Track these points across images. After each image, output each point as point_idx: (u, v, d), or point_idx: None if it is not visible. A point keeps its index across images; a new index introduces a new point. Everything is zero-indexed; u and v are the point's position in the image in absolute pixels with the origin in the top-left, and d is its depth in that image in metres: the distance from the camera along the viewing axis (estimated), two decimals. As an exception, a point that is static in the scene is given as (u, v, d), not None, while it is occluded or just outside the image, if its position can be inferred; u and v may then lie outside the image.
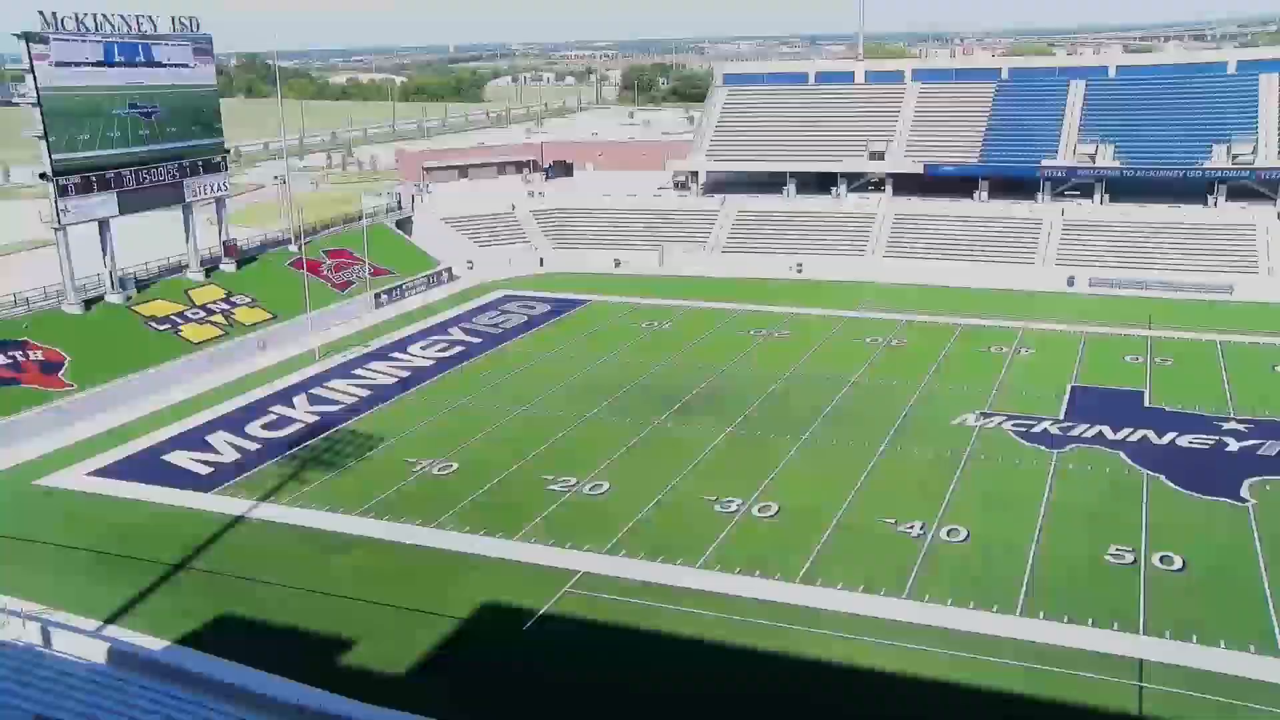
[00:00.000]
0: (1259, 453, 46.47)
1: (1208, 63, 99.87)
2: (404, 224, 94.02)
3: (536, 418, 53.62)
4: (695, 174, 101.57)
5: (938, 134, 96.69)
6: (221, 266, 74.61)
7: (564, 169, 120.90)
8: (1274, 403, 52.79)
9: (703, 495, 43.34)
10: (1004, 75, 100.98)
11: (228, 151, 76.98)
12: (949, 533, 39.33)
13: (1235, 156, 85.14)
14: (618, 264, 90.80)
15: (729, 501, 42.61)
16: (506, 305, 78.69)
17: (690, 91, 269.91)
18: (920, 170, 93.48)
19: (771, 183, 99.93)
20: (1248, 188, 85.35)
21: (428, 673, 31.41)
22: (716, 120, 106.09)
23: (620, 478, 45.49)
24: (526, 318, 74.94)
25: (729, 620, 33.76)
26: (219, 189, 74.05)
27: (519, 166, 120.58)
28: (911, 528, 39.80)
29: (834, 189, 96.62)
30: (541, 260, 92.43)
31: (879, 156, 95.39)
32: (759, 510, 41.82)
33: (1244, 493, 42.25)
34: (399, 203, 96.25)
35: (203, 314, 68.13)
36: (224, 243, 75.46)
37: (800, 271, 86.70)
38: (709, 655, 31.98)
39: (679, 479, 45.17)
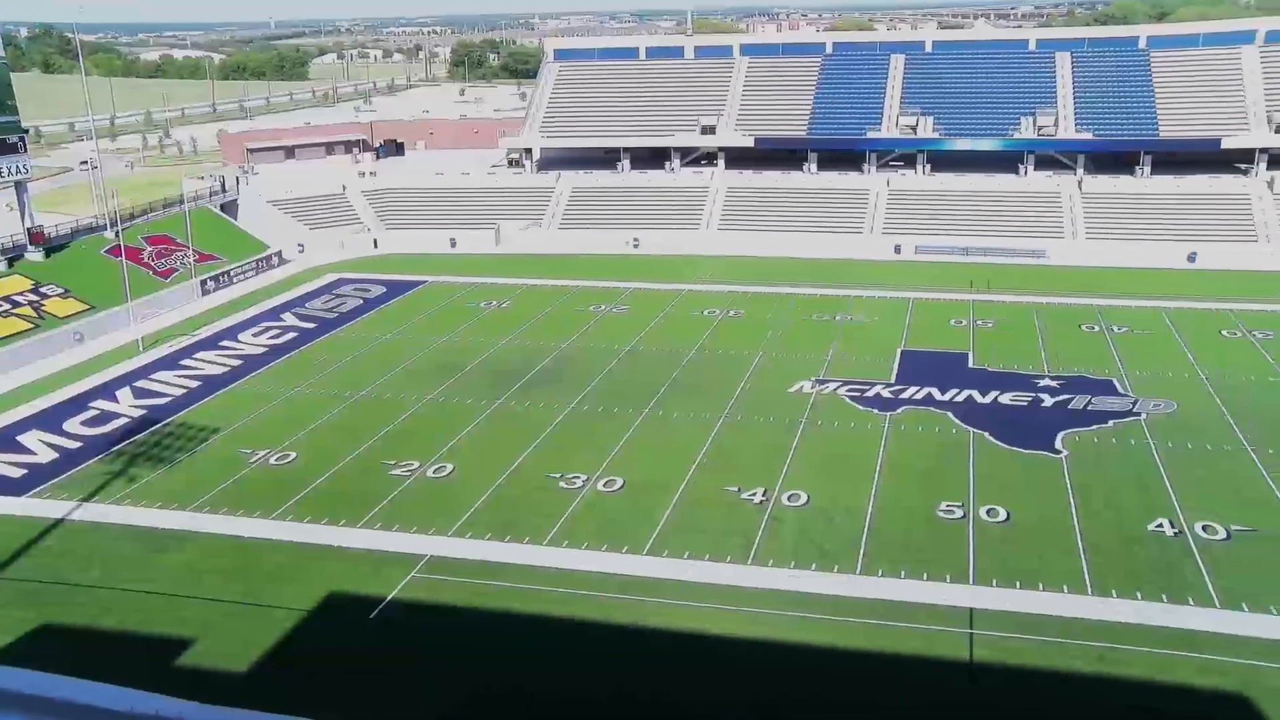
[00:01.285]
0: (1070, 407, 49.35)
1: (1012, 40, 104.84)
2: (229, 207, 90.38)
3: (376, 402, 52.53)
4: (529, 151, 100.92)
5: (767, 108, 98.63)
6: (27, 255, 70.23)
7: (395, 148, 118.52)
8: (1083, 360, 56.07)
9: (547, 472, 43.30)
10: (829, 50, 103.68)
11: (26, 132, 72.26)
12: (790, 498, 40.40)
13: (1040, 128, 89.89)
14: (454, 244, 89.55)
15: (574, 477, 42.70)
16: (340, 289, 76.67)
17: (521, 68, 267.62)
18: (751, 143, 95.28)
19: (606, 159, 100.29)
20: (1053, 157, 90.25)
21: (272, 668, 30.48)
22: (549, 97, 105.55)
23: (464, 459, 45.03)
24: (362, 300, 73.21)
25: (578, 595, 33.88)
26: (18, 171, 69.55)
27: (349, 146, 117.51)
28: (754, 495, 40.71)
29: (668, 163, 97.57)
30: (375, 242, 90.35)
31: (711, 131, 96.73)
32: (604, 485, 42.05)
33: (1058, 445, 44.81)
34: (223, 185, 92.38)
35: (7, 306, 63.98)
36: (28, 230, 71.00)
37: (637, 246, 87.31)
38: (559, 631, 32.04)
39: (523, 457, 45.00)
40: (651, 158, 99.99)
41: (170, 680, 29.56)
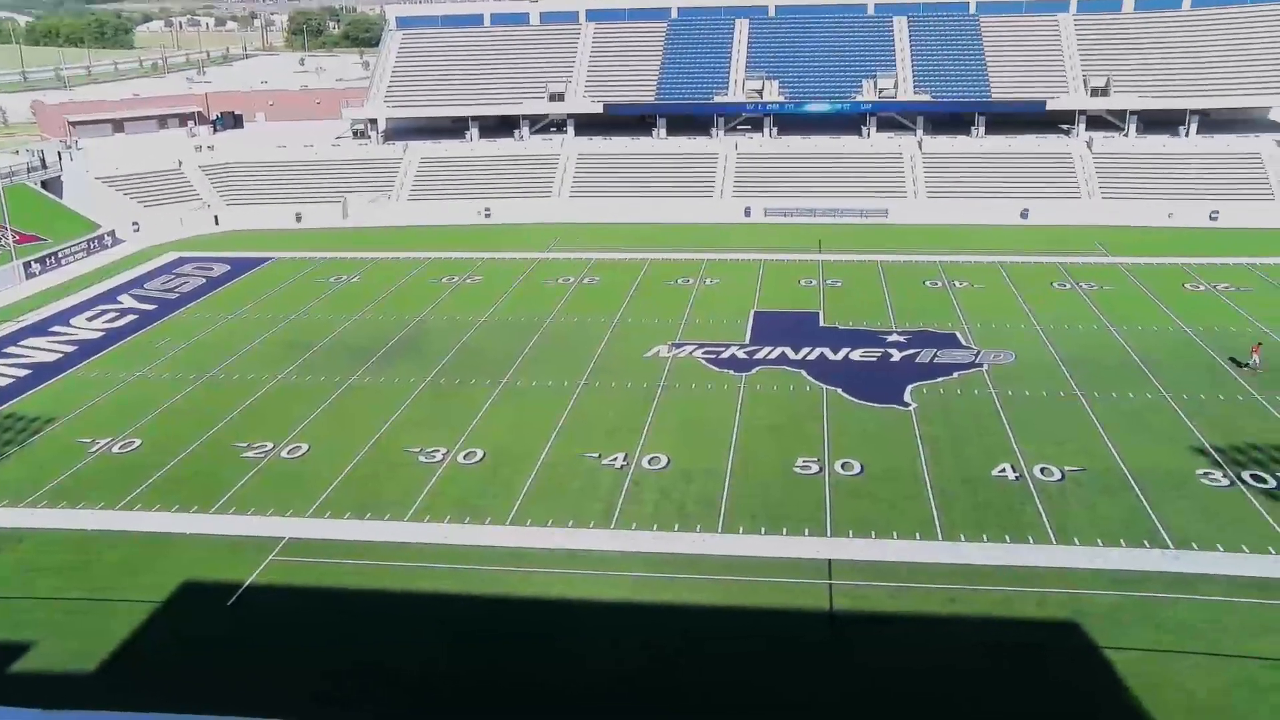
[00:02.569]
0: (917, 360, 51.17)
1: (852, 4, 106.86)
2: (51, 184, 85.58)
3: (224, 384, 50.77)
4: (375, 122, 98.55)
5: (615, 73, 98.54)
6: None
7: (233, 120, 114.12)
8: (927, 315, 58.16)
9: (405, 447, 42.68)
10: (674, 15, 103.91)
11: None
12: (650, 461, 40.82)
13: (881, 91, 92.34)
14: (299, 219, 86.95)
15: (433, 451, 42.20)
16: (181, 268, 73.62)
17: (363, 36, 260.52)
18: (600, 110, 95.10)
19: (454, 128, 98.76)
20: (894, 119, 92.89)
21: (123, 664, 29.30)
22: (392, 65, 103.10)
23: (319, 438, 43.98)
24: (204, 279, 70.47)
25: (442, 570, 33.60)
26: None
27: (183, 119, 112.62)
28: (615, 460, 40.97)
29: (517, 132, 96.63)
30: (217, 218, 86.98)
31: (559, 98, 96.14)
32: (464, 457, 41.69)
33: (907, 398, 46.45)
34: (42, 161, 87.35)
35: None
36: None
37: (488, 216, 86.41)
38: (424, 606, 31.74)
39: (380, 433, 44.22)
40: (500, 126, 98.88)
41: (7, 688, 28.10)
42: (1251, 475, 38.40)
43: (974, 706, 26.83)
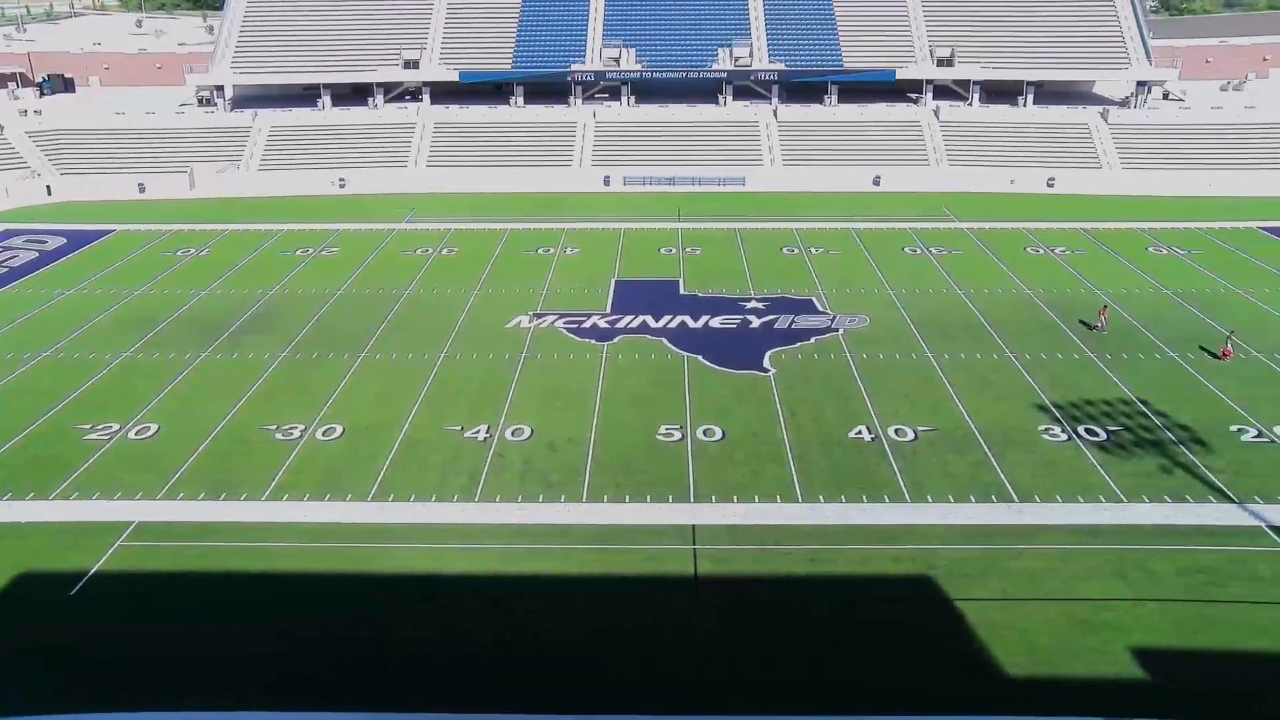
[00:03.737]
0: (775, 326, 52.19)
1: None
2: None
3: (64, 363, 48.36)
4: (221, 89, 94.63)
5: (470, 41, 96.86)
6: None
7: (64, 84, 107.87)
8: (784, 281, 59.31)
9: (261, 425, 41.48)
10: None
11: None
12: (513, 432, 40.66)
13: (736, 59, 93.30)
14: (142, 189, 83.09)
15: (290, 428, 41.14)
16: (9, 241, 69.62)
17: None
18: (456, 78, 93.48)
19: (306, 95, 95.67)
20: (749, 88, 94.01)
21: (-41, 662, 27.84)
22: (239, 29, 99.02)
23: (169, 417, 42.35)
24: (37, 254, 66.80)
25: (303, 548, 32.88)
26: None
27: (3, 80, 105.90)
28: (477, 432, 40.68)
29: (371, 100, 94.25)
30: (49, 189, 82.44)
31: (414, 65, 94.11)
32: (323, 433, 40.76)
33: (766, 363, 47.37)
34: None
35: None
36: None
37: (343, 186, 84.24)
38: (284, 586, 31.01)
39: (234, 411, 42.84)
40: (354, 94, 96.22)
41: None
42: (1086, 430, 40.53)
43: (833, 660, 27.72)
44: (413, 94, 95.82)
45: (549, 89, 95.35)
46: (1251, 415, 41.74)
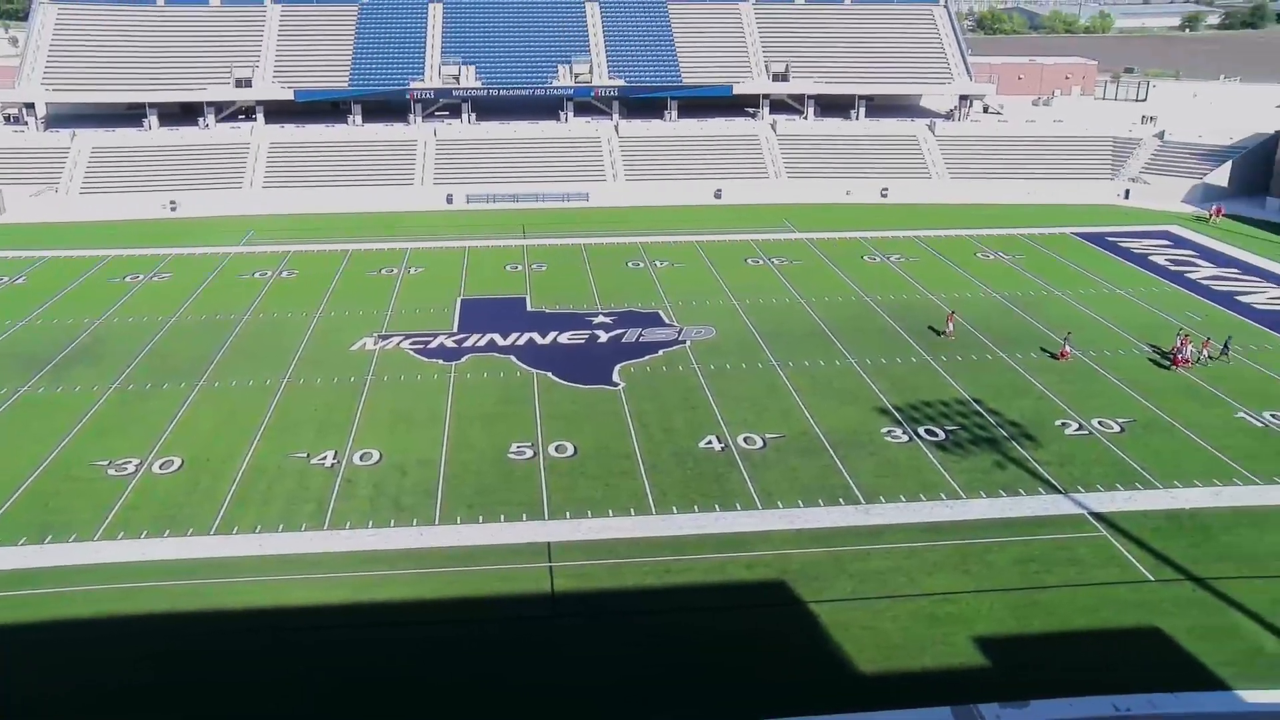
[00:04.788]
0: (623, 340, 52.56)
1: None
2: None
3: None
4: (31, 106, 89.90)
5: (306, 58, 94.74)
6: None
7: None
8: (630, 295, 59.80)
9: (92, 460, 39.44)
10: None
11: None
12: (362, 457, 39.78)
13: (577, 76, 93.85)
14: (-51, 215, 78.18)
15: (124, 463, 39.25)
16: None
17: (7, 8, 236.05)
18: (291, 96, 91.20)
19: (130, 115, 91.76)
20: (590, 104, 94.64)
21: None
22: (49, 43, 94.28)
23: (-13, 458, 39.86)
24: None
25: (141, 589, 31.35)
26: None
27: None
28: (324, 458, 39.63)
29: (201, 119, 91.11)
30: None
31: (246, 84, 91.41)
32: (160, 467, 39.03)
33: (615, 377, 47.64)
34: None
35: None
36: None
37: (174, 209, 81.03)
38: (127, 630, 29.50)
39: (60, 447, 40.61)
40: (183, 113, 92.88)
41: None
42: (926, 430, 42.12)
43: (691, 670, 27.98)
44: (246, 113, 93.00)
45: (388, 107, 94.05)
46: (1073, 409, 44.11)
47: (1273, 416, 43.64)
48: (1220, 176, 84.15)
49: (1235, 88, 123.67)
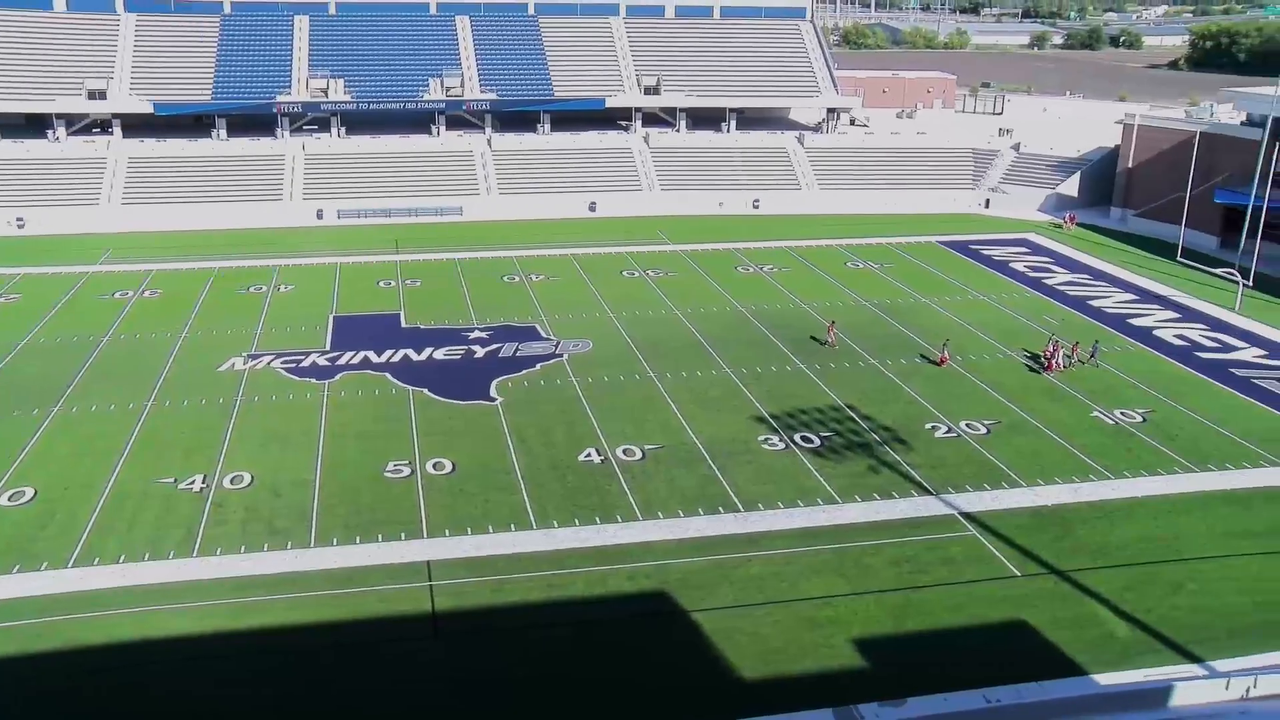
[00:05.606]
0: (500, 355, 52.22)
1: (414, 3, 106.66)
2: None
3: None
4: None
5: (165, 70, 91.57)
6: None
7: None
8: (507, 309, 59.48)
9: (-62, 495, 37.38)
10: (227, 9, 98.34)
11: None
12: (233, 480, 38.59)
13: (448, 90, 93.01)
14: None
15: (-27, 496, 37.29)
16: None
17: None
18: (150, 109, 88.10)
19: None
20: (462, 118, 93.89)
21: None
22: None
23: None
24: None
25: (-6, 628, 29.81)
26: None
27: None
28: (192, 483, 38.32)
29: (51, 132, 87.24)
30: None
31: (100, 95, 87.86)
32: (9, 498, 37.13)
33: (493, 392, 47.28)
34: None
35: None
36: None
37: (22, 226, 77.38)
38: (-25, 673, 27.99)
39: (-97, 482, 38.37)
40: (29, 126, 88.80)
41: None
42: (801, 437, 42.93)
43: (575, 684, 27.90)
44: (101, 126, 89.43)
45: (254, 121, 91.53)
46: (942, 413, 45.54)
47: (1123, 414, 45.80)
48: (1071, 187, 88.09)
49: (1080, 103, 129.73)
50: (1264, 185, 66.22)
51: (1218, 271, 64.93)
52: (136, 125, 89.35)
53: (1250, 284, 62.35)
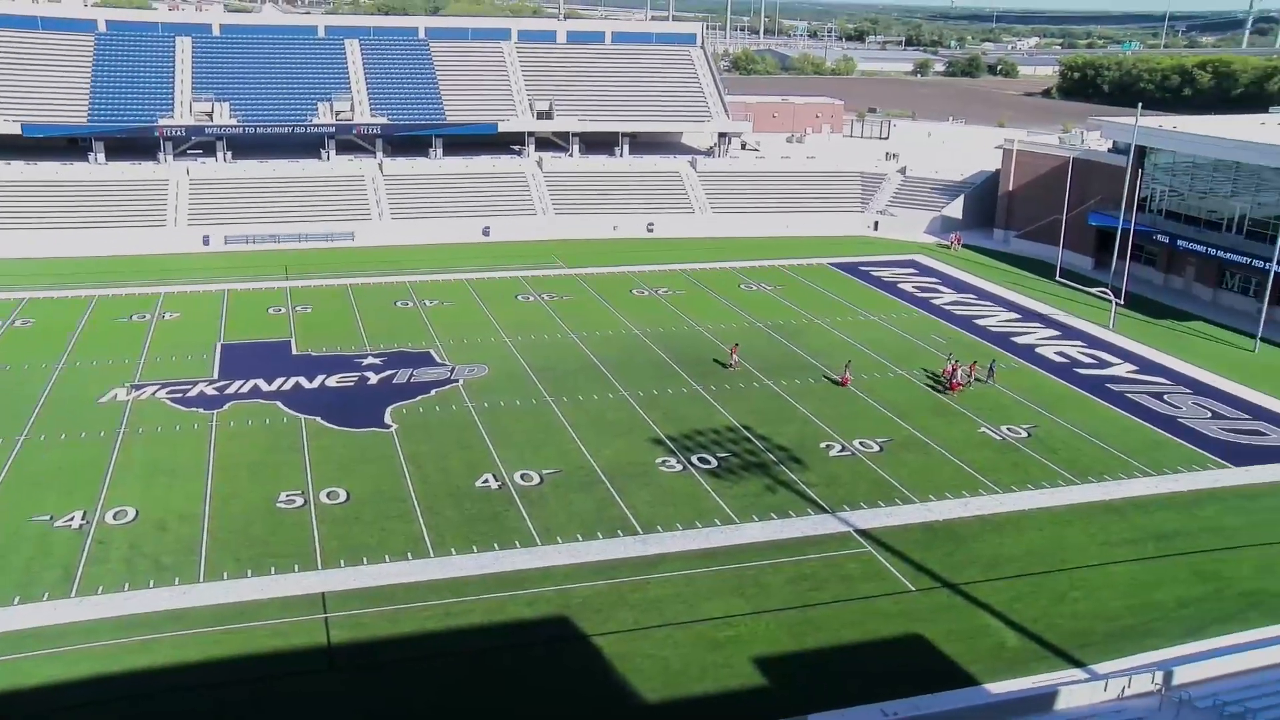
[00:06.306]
0: (394, 381, 51.46)
1: (302, 26, 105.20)
2: None
3: None
4: None
5: (34, 90, 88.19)
6: None
7: None
8: (400, 335, 58.71)
9: None
10: (102, 28, 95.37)
11: None
12: (115, 516, 37.19)
13: (338, 113, 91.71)
14: None
15: None
16: None
17: None
18: (18, 130, 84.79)
19: None
20: (353, 142, 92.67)
21: None
22: None
23: None
24: None
25: None
26: None
27: None
28: (71, 520, 36.80)
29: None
30: None
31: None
32: (-125, 541, 35.23)
33: (387, 419, 46.55)
34: None
35: None
36: None
37: (-113, 255, 73.71)
38: None
39: None
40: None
41: None
42: (699, 459, 43.21)
43: (473, 715, 27.50)
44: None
45: (134, 145, 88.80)
46: (835, 432, 46.33)
47: (1009, 430, 47.21)
48: (955, 209, 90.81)
49: (961, 128, 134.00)
50: (1131, 209, 69.22)
51: (1093, 291, 67.62)
52: (4, 147, 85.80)
53: (1122, 303, 65.03)
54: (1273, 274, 61.79)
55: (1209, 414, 50.00)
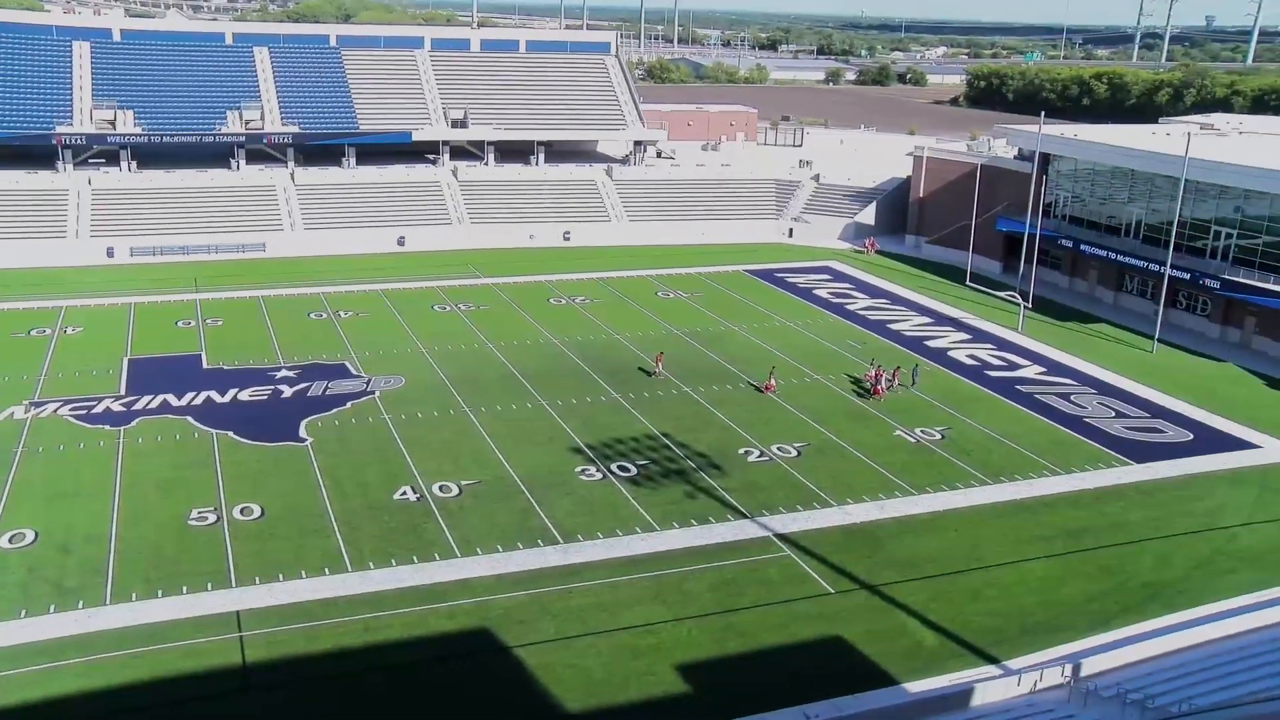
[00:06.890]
0: (309, 394, 50.62)
1: (208, 33, 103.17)
2: None
3: None
4: None
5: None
6: None
7: None
8: (315, 347, 57.76)
9: None
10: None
11: None
12: (12, 539, 35.90)
13: (248, 122, 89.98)
14: None
15: None
16: None
17: None
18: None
19: None
20: (263, 151, 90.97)
21: None
22: None
23: None
24: None
25: None
26: None
27: None
28: (-31, 543, 35.51)
29: None
30: None
31: None
32: None
33: (302, 433, 45.75)
34: None
35: None
36: None
37: None
38: None
39: None
40: None
41: None
42: (618, 467, 43.23)
43: (398, 730, 27.18)
44: None
45: (29, 153, 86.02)
46: (753, 438, 46.73)
47: (923, 432, 48.12)
48: (868, 215, 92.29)
49: (872, 136, 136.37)
50: (1037, 215, 71.09)
51: (1001, 295, 69.29)
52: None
53: (1030, 306, 66.73)
54: (1167, 278, 64.04)
55: (1113, 413, 51.55)
